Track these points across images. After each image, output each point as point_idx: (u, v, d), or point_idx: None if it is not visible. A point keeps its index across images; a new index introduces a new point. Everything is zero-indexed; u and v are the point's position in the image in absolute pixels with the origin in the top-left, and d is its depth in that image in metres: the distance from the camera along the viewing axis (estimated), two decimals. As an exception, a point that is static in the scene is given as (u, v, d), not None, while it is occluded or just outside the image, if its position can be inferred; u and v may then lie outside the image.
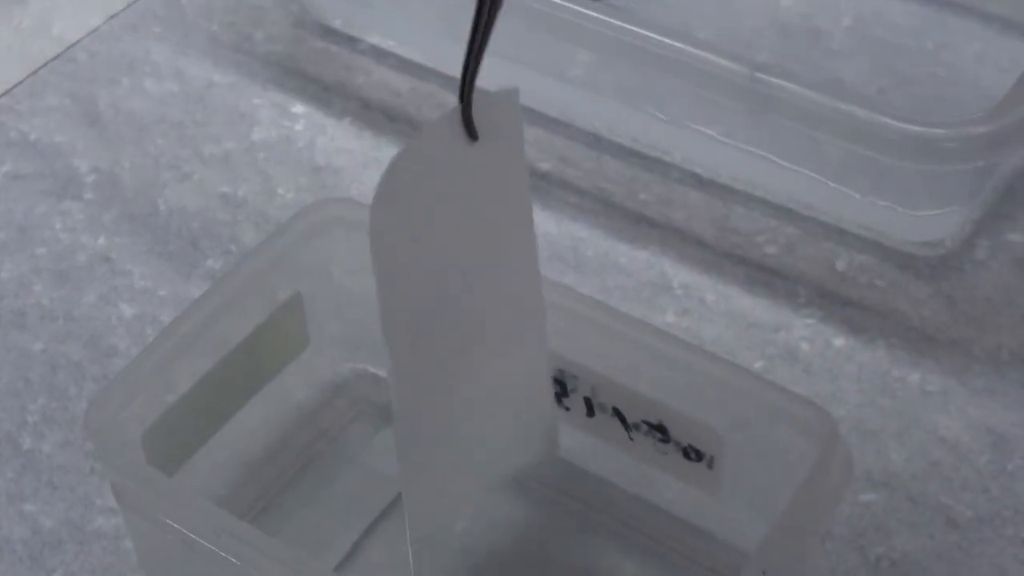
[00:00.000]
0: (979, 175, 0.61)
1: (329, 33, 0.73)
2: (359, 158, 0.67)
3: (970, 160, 0.58)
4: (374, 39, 0.72)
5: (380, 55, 0.71)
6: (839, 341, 0.60)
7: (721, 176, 0.66)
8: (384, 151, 0.67)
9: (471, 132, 0.45)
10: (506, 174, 0.47)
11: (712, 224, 0.64)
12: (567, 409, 0.52)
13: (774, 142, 0.62)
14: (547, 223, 0.64)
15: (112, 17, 0.74)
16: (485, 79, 0.44)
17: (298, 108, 0.70)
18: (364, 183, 0.66)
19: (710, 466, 0.50)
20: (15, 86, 0.71)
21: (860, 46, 0.70)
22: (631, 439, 0.52)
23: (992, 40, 0.69)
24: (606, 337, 0.51)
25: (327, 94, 0.70)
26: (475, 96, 0.44)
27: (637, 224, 0.64)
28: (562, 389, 0.52)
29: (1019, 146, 0.59)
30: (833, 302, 0.61)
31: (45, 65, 0.72)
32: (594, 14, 0.62)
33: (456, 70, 0.43)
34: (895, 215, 0.62)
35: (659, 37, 0.61)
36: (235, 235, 0.64)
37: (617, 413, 0.52)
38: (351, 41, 0.72)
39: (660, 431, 0.51)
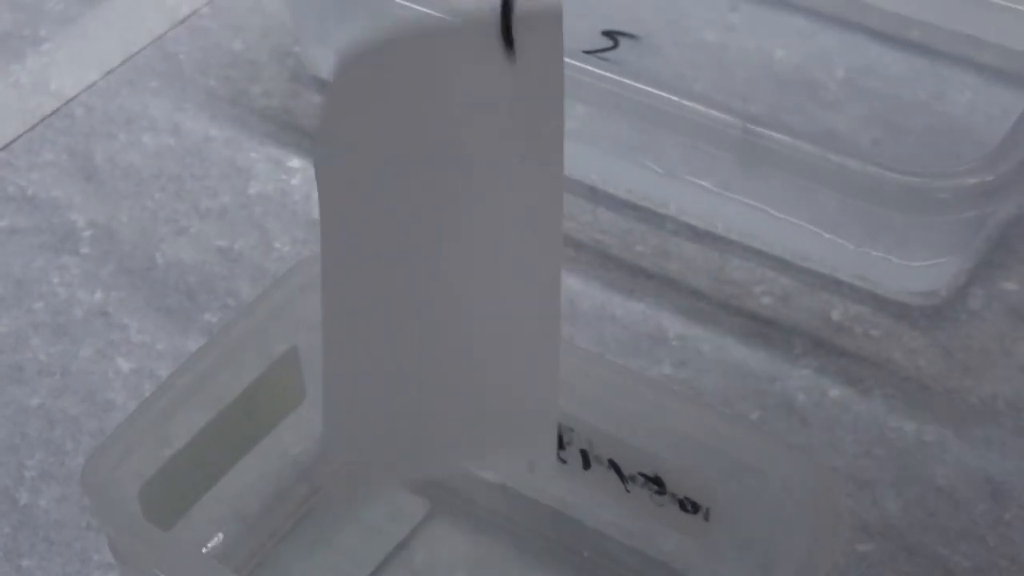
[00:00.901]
0: (973, 225, 0.62)
1: (325, 87, 0.73)
2: (355, 211, 0.67)
3: (964, 210, 0.58)
4: (370, 93, 0.72)
5: (376, 109, 0.72)
6: (835, 392, 0.60)
7: (716, 227, 0.66)
8: (380, 204, 0.67)
9: (509, 45, 0.36)
10: (541, 109, 0.38)
11: (708, 275, 0.64)
12: (564, 462, 0.52)
13: (769, 194, 0.63)
14: (543, 275, 0.64)
15: (109, 72, 0.75)
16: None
17: (294, 162, 0.70)
18: (360, 236, 0.66)
19: (706, 518, 0.50)
20: (13, 141, 0.72)
21: (854, 97, 0.71)
22: (627, 491, 0.52)
23: (984, 90, 0.70)
24: (602, 389, 0.51)
25: (323, 148, 0.70)
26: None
27: (633, 276, 0.64)
28: (558, 442, 0.52)
29: (1012, 195, 0.60)
30: (829, 352, 0.61)
31: (43, 120, 0.73)
32: (588, 67, 0.63)
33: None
34: (890, 265, 0.63)
35: (653, 90, 0.61)
36: (232, 289, 0.65)
37: (613, 465, 0.52)
38: (347, 95, 0.72)
39: (656, 483, 0.51)
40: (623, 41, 0.71)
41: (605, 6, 0.74)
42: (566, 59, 0.62)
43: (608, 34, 0.69)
